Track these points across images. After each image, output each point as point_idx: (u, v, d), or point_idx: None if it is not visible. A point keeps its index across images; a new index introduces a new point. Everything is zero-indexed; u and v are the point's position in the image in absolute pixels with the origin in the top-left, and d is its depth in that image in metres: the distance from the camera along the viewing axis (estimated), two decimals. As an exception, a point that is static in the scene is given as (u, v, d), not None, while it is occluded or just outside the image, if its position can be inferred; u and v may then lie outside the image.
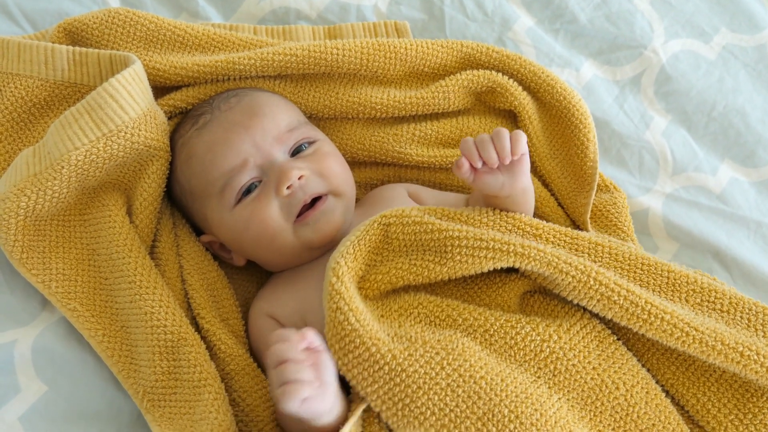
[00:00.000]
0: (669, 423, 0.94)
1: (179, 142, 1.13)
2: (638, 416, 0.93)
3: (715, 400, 0.97)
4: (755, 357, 0.92)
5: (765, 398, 0.95)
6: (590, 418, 0.92)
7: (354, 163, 1.24)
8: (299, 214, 1.05)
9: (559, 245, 1.01)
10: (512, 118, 1.27)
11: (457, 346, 0.90)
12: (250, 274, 1.18)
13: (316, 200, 1.06)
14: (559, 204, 1.21)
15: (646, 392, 0.95)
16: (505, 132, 0.95)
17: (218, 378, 0.98)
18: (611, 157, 1.30)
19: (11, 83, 1.14)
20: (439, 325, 0.94)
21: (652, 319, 0.93)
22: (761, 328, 0.97)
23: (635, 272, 1.00)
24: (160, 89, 1.21)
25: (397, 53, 1.23)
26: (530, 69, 1.25)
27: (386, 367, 0.87)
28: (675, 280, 1.00)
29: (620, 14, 1.41)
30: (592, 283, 0.94)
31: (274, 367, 0.82)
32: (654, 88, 1.37)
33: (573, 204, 1.18)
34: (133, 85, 1.07)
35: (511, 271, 1.02)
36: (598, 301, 0.94)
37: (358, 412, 0.89)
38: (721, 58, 1.41)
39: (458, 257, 0.94)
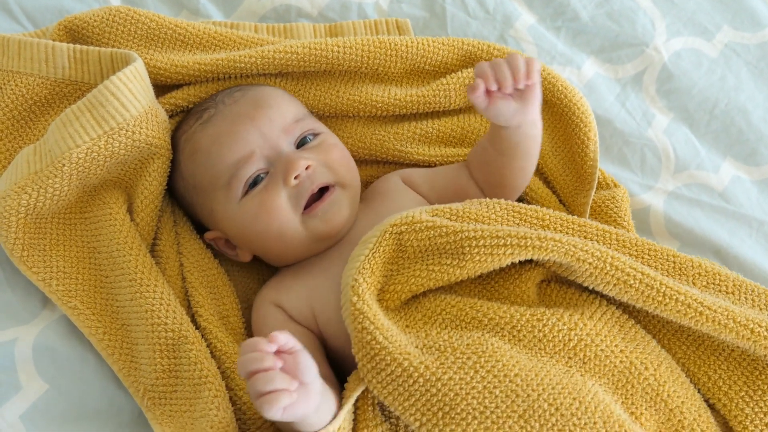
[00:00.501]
0: (695, 401, 0.95)
1: (182, 138, 1.13)
2: (668, 395, 0.93)
3: (725, 377, 0.97)
4: (765, 333, 0.93)
5: None
6: (623, 401, 0.92)
7: (355, 162, 1.24)
8: (307, 205, 1.05)
9: (568, 233, 1.01)
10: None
11: (487, 348, 0.90)
12: (251, 272, 1.18)
13: (323, 191, 1.06)
14: (561, 202, 1.21)
15: (671, 371, 0.95)
16: (519, 56, 0.96)
17: (219, 375, 0.98)
18: (613, 156, 1.30)
19: (12, 81, 1.14)
20: (465, 328, 0.94)
21: (667, 300, 0.93)
22: (765, 308, 0.98)
23: (644, 257, 1.00)
24: (160, 88, 1.21)
25: (398, 51, 1.23)
26: (531, 66, 1.25)
27: (420, 380, 0.87)
28: (681, 264, 1.01)
29: (622, 12, 1.41)
30: (608, 268, 0.94)
31: (246, 379, 0.77)
32: (656, 86, 1.36)
33: (573, 203, 1.18)
34: (135, 83, 1.07)
35: (526, 261, 1.02)
36: (615, 285, 0.94)
37: (349, 403, 0.88)
38: (723, 56, 1.40)
39: (477, 257, 0.94)
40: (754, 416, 0.95)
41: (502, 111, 0.98)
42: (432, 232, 0.95)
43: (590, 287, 0.96)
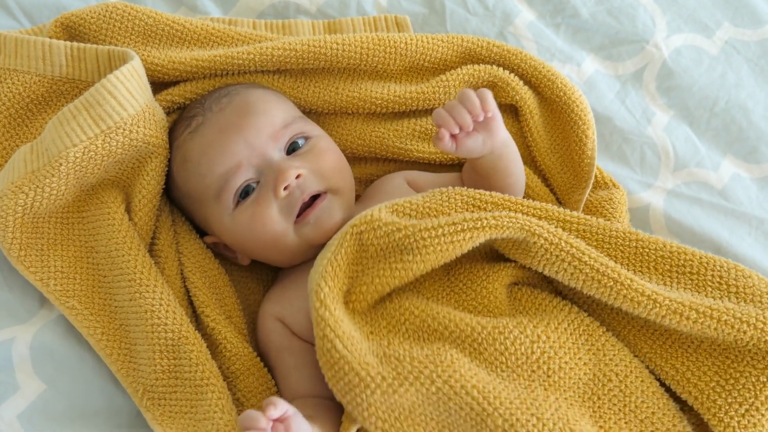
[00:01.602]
0: (668, 410, 0.94)
1: (174, 144, 1.12)
2: (636, 405, 0.93)
3: (694, 369, 0.95)
4: (729, 319, 0.91)
5: (745, 362, 0.93)
6: (591, 414, 0.91)
7: (354, 159, 1.24)
8: (299, 214, 1.04)
9: (528, 215, 1.01)
10: (513, 113, 1.27)
11: (445, 359, 0.89)
12: (251, 272, 1.17)
13: (315, 198, 1.06)
14: (559, 201, 1.21)
15: (641, 381, 0.94)
16: (471, 92, 0.99)
17: (221, 377, 0.98)
18: (613, 153, 1.29)
19: (8, 79, 1.13)
20: (427, 339, 0.94)
21: (622, 279, 0.92)
22: (733, 284, 0.96)
23: (603, 245, 1.00)
24: (158, 84, 1.20)
25: (397, 48, 1.22)
26: (531, 64, 1.25)
27: (378, 390, 0.87)
28: (643, 248, 0.99)
29: (622, 9, 1.40)
30: (563, 245, 0.94)
31: None
32: (656, 84, 1.36)
33: (569, 200, 1.18)
34: (132, 82, 1.06)
35: (494, 260, 1.02)
36: (569, 263, 0.93)
37: None
38: (723, 53, 1.40)
39: (438, 246, 0.93)
40: (728, 407, 0.92)
41: (472, 147, 1.01)
42: (389, 227, 0.94)
43: (545, 272, 0.96)
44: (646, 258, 0.99)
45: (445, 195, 1.00)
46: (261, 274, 1.17)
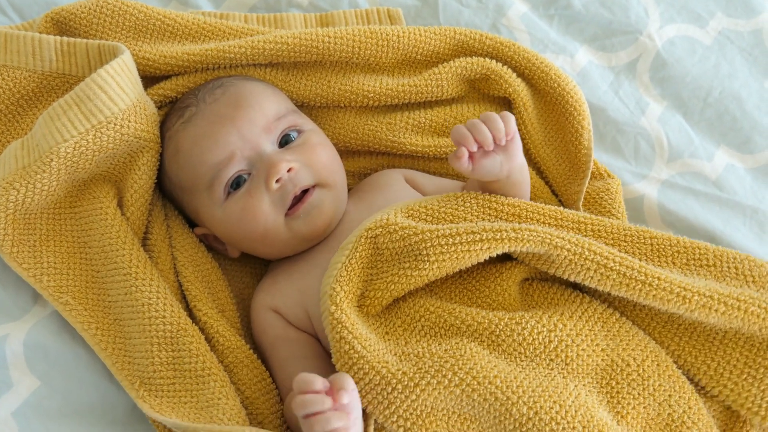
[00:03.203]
0: (684, 392, 0.94)
1: (166, 135, 1.12)
2: (654, 389, 0.93)
3: (725, 363, 0.96)
4: (756, 310, 0.92)
5: None
6: (608, 400, 0.92)
7: (347, 152, 1.23)
8: (290, 207, 1.04)
9: (542, 224, 1.00)
10: (507, 106, 1.26)
11: (465, 352, 0.89)
12: (244, 265, 1.17)
13: (306, 192, 1.06)
14: (554, 193, 1.21)
15: (657, 364, 0.95)
16: (494, 114, 0.96)
17: (221, 367, 0.98)
18: (606, 144, 1.29)
19: (-2, 74, 1.13)
20: (444, 335, 0.94)
21: (648, 285, 0.92)
22: (749, 274, 0.98)
23: (621, 244, 1.00)
24: (149, 79, 1.20)
25: (389, 41, 1.22)
26: (524, 56, 1.24)
27: (399, 386, 0.87)
28: (659, 244, 1.00)
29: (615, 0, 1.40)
30: (587, 254, 0.93)
31: (304, 418, 0.82)
32: (649, 74, 1.36)
33: (566, 192, 1.18)
34: (122, 76, 1.06)
35: (506, 258, 1.01)
36: (596, 271, 0.93)
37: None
38: (717, 43, 1.40)
39: (454, 255, 0.93)
40: (762, 397, 0.94)
41: (489, 169, 0.98)
42: (406, 232, 0.94)
43: (571, 279, 0.96)
44: (663, 253, 0.99)
45: (461, 199, 1.00)
46: (255, 268, 1.17)
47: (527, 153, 1.23)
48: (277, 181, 1.03)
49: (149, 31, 1.21)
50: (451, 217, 0.98)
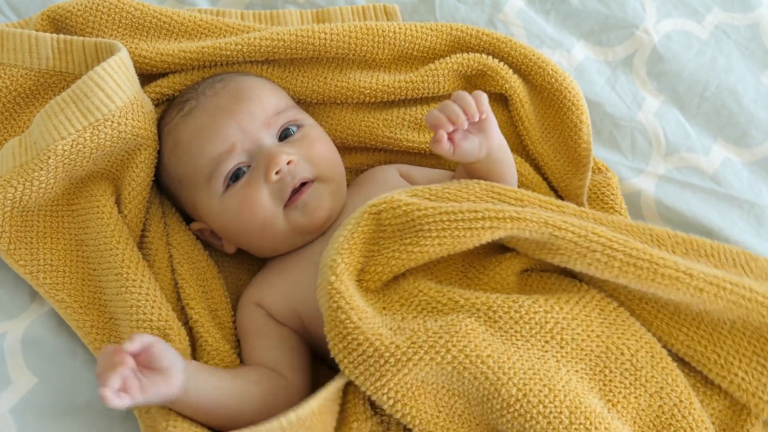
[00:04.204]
0: (677, 385, 0.94)
1: (165, 129, 1.12)
2: (646, 380, 0.93)
3: (733, 353, 0.95)
4: (760, 299, 0.92)
5: None
6: (600, 388, 0.92)
7: (344, 149, 1.23)
8: (289, 199, 1.04)
9: (546, 210, 0.99)
10: (503, 102, 1.26)
11: (460, 329, 0.89)
12: (241, 262, 1.17)
13: (305, 185, 1.06)
14: (551, 188, 1.21)
15: (651, 356, 0.94)
16: (465, 93, 0.98)
17: None
18: (603, 139, 1.29)
19: (-5, 73, 1.13)
20: (442, 310, 0.93)
21: (655, 259, 0.91)
22: (746, 265, 0.98)
23: (622, 230, 0.99)
24: (146, 76, 1.20)
25: (385, 37, 1.22)
26: (521, 51, 1.24)
27: (392, 359, 0.86)
28: (658, 235, 0.99)
29: (612, -6, 1.40)
30: (591, 236, 0.92)
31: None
32: (646, 69, 1.36)
33: (568, 187, 1.18)
34: (119, 74, 1.06)
35: (507, 249, 1.01)
36: (602, 252, 0.91)
37: (322, 394, 0.88)
38: (713, 38, 1.40)
39: (456, 232, 0.92)
40: None
41: (469, 150, 1.00)
42: (410, 207, 0.94)
43: (576, 267, 0.94)
44: (663, 243, 0.99)
45: (464, 183, 1.00)
46: (252, 265, 1.17)
47: (525, 149, 1.23)
48: (276, 173, 1.03)
49: (145, 29, 1.21)
50: (454, 197, 0.98)
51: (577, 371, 0.91)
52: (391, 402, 0.88)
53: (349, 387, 0.93)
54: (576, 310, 0.94)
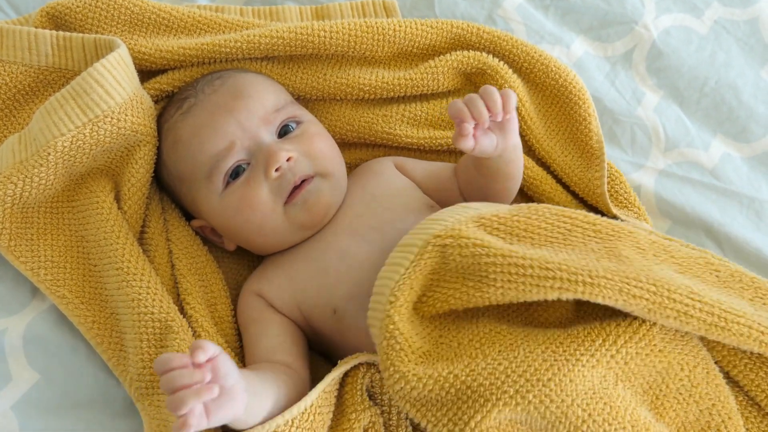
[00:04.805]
0: (728, 403, 0.93)
1: (165, 127, 1.12)
2: (700, 396, 0.92)
3: None
4: None
5: None
6: (651, 401, 0.91)
7: (343, 145, 1.23)
8: (289, 195, 1.04)
9: (620, 239, 0.95)
10: (502, 99, 1.26)
11: (519, 353, 0.87)
12: (241, 258, 1.17)
13: (305, 181, 1.05)
14: (558, 181, 1.20)
15: (707, 372, 0.93)
16: (494, 89, 0.94)
17: None
18: (603, 134, 1.27)
19: (-5, 70, 1.13)
20: (500, 334, 0.91)
21: (730, 326, 0.89)
22: None
23: (692, 270, 0.96)
24: (145, 73, 1.20)
25: (385, 34, 1.22)
26: (522, 49, 1.24)
27: (452, 390, 0.85)
28: (725, 277, 0.97)
29: (611, -11, 1.40)
30: (667, 302, 0.88)
31: (169, 399, 0.73)
32: (645, 64, 1.36)
33: (583, 180, 1.16)
34: (119, 70, 1.06)
35: None
36: (675, 318, 0.88)
37: (325, 384, 0.88)
38: (713, 33, 1.40)
39: (522, 287, 0.88)
40: None
41: (487, 147, 0.97)
42: (478, 250, 0.89)
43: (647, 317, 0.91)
44: (731, 286, 0.97)
45: (533, 210, 0.96)
46: (251, 261, 1.17)
47: (530, 148, 1.23)
48: (276, 170, 1.03)
49: (144, 25, 1.21)
50: (524, 228, 0.93)
51: (633, 386, 0.90)
52: (446, 430, 0.85)
53: (346, 378, 0.93)
54: (636, 325, 0.90)
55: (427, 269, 0.91)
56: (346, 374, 0.92)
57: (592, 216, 0.97)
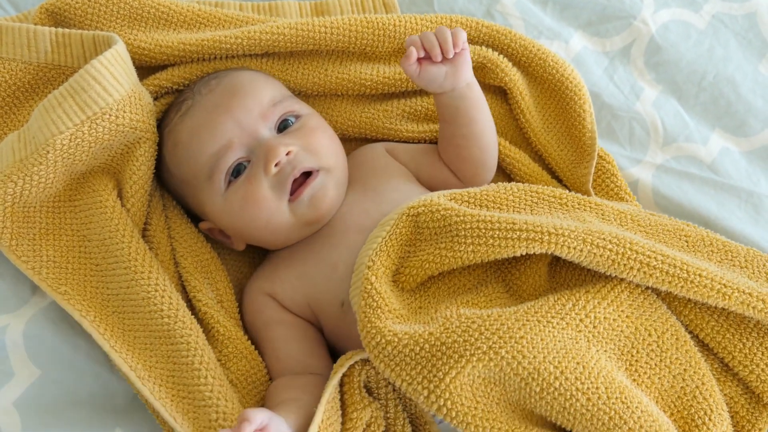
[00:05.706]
0: (699, 368, 0.95)
1: (165, 131, 1.12)
2: (671, 361, 0.94)
3: (758, 344, 0.97)
4: None
5: None
6: (626, 367, 0.93)
7: (344, 140, 1.23)
8: (293, 192, 1.04)
9: (585, 210, 1.02)
10: (502, 94, 1.27)
11: (493, 312, 0.90)
12: (243, 255, 1.18)
13: (307, 176, 1.06)
14: (553, 177, 1.21)
15: (676, 338, 0.96)
16: (446, 29, 1.04)
17: (218, 364, 0.98)
18: (601, 130, 1.29)
19: (-6, 67, 1.13)
20: (476, 306, 0.95)
21: (692, 277, 0.93)
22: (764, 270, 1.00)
23: (659, 236, 1.01)
24: (145, 69, 1.20)
25: (386, 30, 1.22)
26: (521, 43, 1.25)
27: (426, 346, 0.87)
28: (694, 242, 1.02)
29: (609, -16, 1.40)
30: (629, 253, 0.93)
31: None
32: (644, 59, 1.36)
33: (573, 176, 1.18)
34: (116, 66, 1.05)
35: None
36: (638, 270, 0.94)
37: (327, 393, 0.89)
38: (711, 27, 1.40)
39: (491, 241, 0.93)
40: None
41: (434, 76, 1.05)
42: (448, 212, 0.95)
43: (613, 274, 0.95)
44: (699, 250, 1.01)
45: (501, 187, 1.02)
46: (254, 258, 1.17)
47: (527, 141, 1.23)
48: (276, 165, 1.03)
49: (144, 20, 1.21)
50: (493, 201, 1.00)
51: (605, 351, 0.92)
52: (426, 392, 0.87)
53: (344, 378, 0.93)
54: (605, 291, 0.95)
55: (403, 238, 0.96)
56: (343, 376, 0.93)
57: (558, 190, 1.04)
